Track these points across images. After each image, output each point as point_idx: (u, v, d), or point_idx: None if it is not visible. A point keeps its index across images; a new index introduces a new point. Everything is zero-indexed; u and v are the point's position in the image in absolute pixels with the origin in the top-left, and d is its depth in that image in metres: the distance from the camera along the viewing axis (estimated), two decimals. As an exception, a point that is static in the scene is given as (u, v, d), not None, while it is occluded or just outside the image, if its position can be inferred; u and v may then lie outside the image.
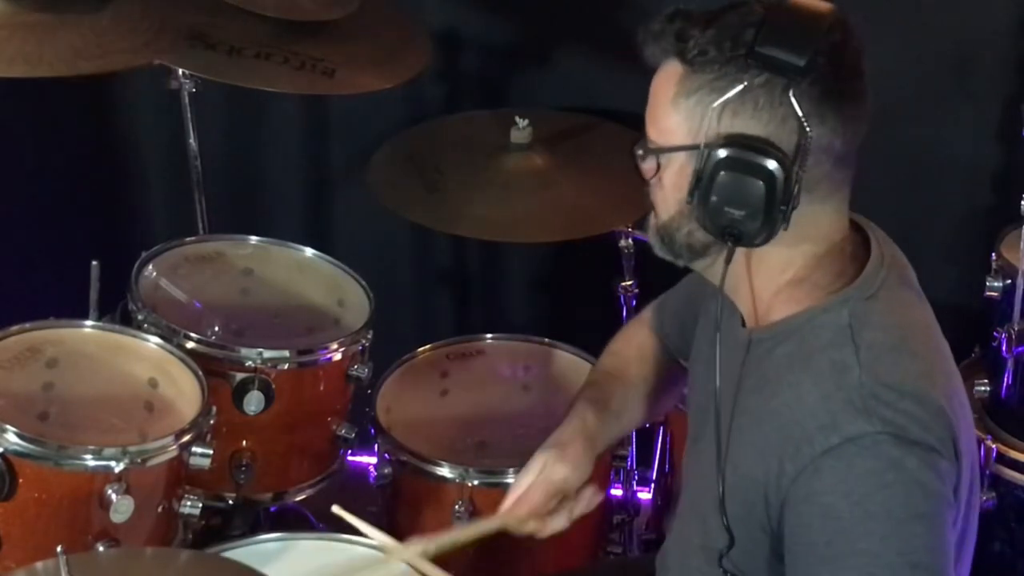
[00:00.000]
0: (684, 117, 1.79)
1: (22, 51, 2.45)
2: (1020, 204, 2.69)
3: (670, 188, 1.83)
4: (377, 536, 2.13)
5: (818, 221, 1.82)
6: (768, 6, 1.78)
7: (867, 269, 1.84)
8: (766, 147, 1.75)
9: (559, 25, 3.35)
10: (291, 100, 3.43)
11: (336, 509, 2.13)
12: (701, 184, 1.77)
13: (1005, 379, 2.79)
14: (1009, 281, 2.74)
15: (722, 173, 1.75)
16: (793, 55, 1.73)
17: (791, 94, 1.74)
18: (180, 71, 2.89)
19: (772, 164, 1.74)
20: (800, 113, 1.74)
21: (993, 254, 2.79)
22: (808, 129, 1.74)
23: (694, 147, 1.78)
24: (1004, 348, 2.73)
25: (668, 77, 1.81)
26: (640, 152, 1.84)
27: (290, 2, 2.88)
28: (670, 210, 1.84)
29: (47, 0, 2.56)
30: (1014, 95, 3.09)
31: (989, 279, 2.77)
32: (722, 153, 1.75)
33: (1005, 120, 3.15)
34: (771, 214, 1.75)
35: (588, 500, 2.16)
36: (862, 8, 3.18)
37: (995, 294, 2.76)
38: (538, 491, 2.12)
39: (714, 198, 1.76)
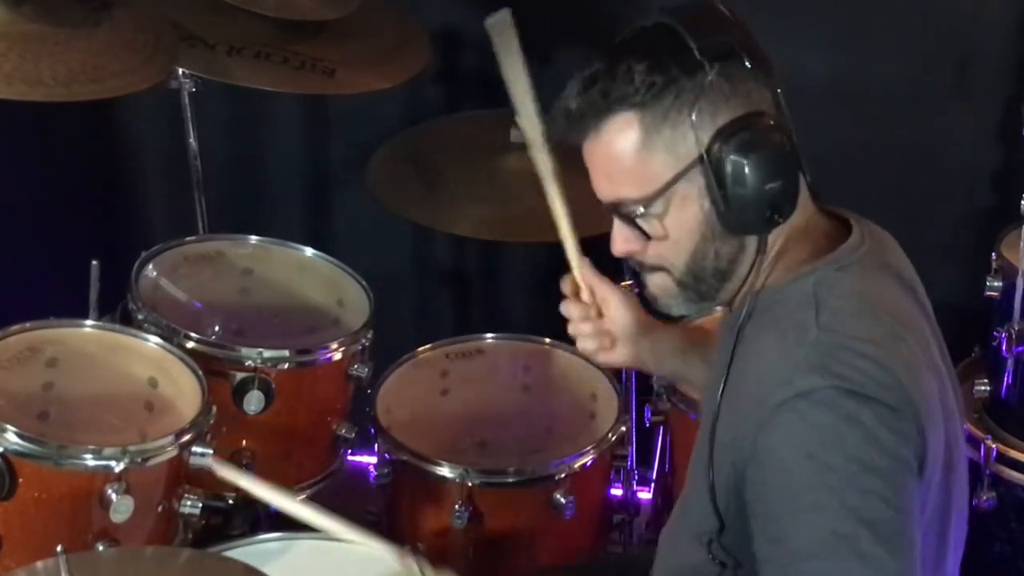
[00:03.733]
0: (665, 151, 1.80)
1: (20, 68, 2.45)
2: (1020, 204, 2.70)
3: (680, 226, 1.83)
4: None
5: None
6: (656, 20, 1.82)
7: (843, 246, 1.85)
8: (759, 117, 1.79)
9: (559, 25, 3.35)
10: (291, 100, 3.43)
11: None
12: (725, 185, 1.78)
13: (1005, 379, 2.79)
14: (1009, 281, 2.74)
15: (739, 161, 1.77)
16: (724, 35, 1.79)
17: (745, 66, 1.78)
18: (180, 71, 2.89)
19: (772, 128, 1.79)
20: (758, 75, 1.79)
21: (993, 254, 2.80)
22: (775, 86, 1.80)
23: (693, 165, 1.79)
24: (1004, 348, 2.73)
25: (620, 130, 1.81)
26: (639, 212, 1.83)
27: (290, 2, 2.89)
28: (688, 248, 1.84)
29: (45, 10, 2.57)
30: (1014, 95, 3.09)
31: (989, 279, 2.77)
32: (727, 146, 1.77)
33: (1005, 120, 3.15)
34: (796, 172, 1.80)
35: (612, 352, 2.17)
36: (864, 9, 3.21)
37: (995, 294, 2.77)
38: (602, 289, 2.16)
39: (748, 186, 1.77)
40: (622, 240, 1.89)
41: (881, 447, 1.70)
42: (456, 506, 2.56)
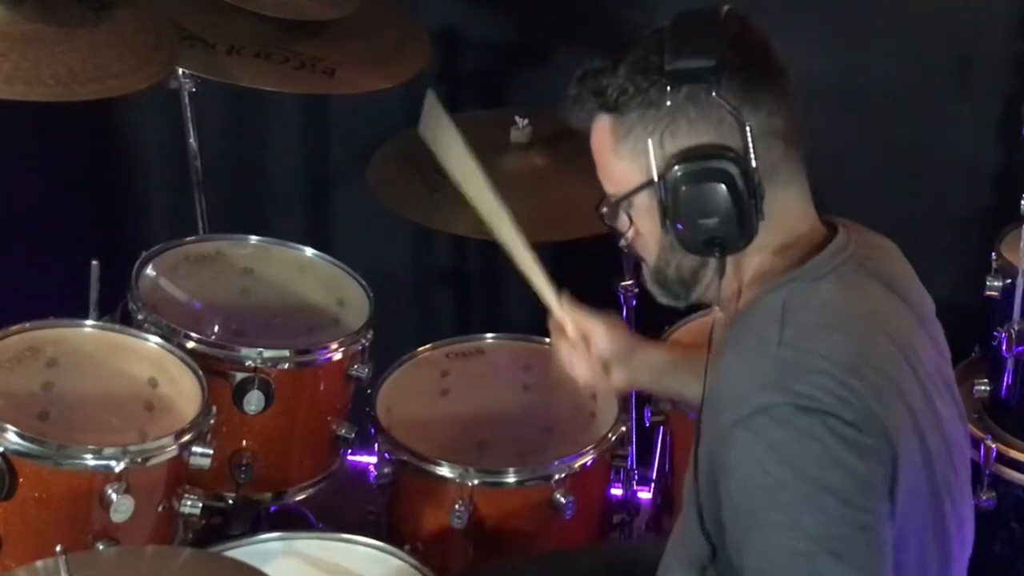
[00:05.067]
0: (630, 160, 1.83)
1: (20, 68, 2.46)
2: (1020, 204, 2.70)
3: (647, 232, 1.87)
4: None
5: (787, 209, 1.84)
6: (662, 28, 1.83)
7: (820, 254, 1.85)
8: (713, 150, 1.78)
9: (559, 25, 3.35)
10: (291, 100, 3.43)
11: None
12: (669, 210, 1.80)
13: (1005, 379, 2.79)
14: (1009, 281, 2.74)
15: (683, 190, 1.78)
16: (701, 59, 1.78)
17: (715, 95, 1.77)
18: (180, 71, 2.89)
19: (724, 163, 1.78)
20: (731, 107, 1.77)
21: (993, 254, 2.80)
22: (745, 119, 1.78)
23: (649, 182, 1.82)
24: (1004, 348, 2.73)
25: (601, 131, 1.85)
26: (604, 211, 1.89)
27: (290, 2, 2.88)
28: (654, 251, 1.88)
29: (45, 10, 2.57)
30: (1014, 95, 3.09)
31: (989, 279, 2.77)
32: (675, 173, 1.78)
33: (1005, 120, 3.15)
34: (743, 211, 1.78)
35: (607, 382, 2.23)
36: (864, 9, 3.21)
37: (995, 294, 2.76)
38: (587, 326, 2.21)
39: (685, 217, 1.80)
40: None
41: (837, 464, 1.70)
42: (456, 506, 2.56)
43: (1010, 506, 2.76)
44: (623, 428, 2.75)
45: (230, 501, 2.69)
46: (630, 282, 2.96)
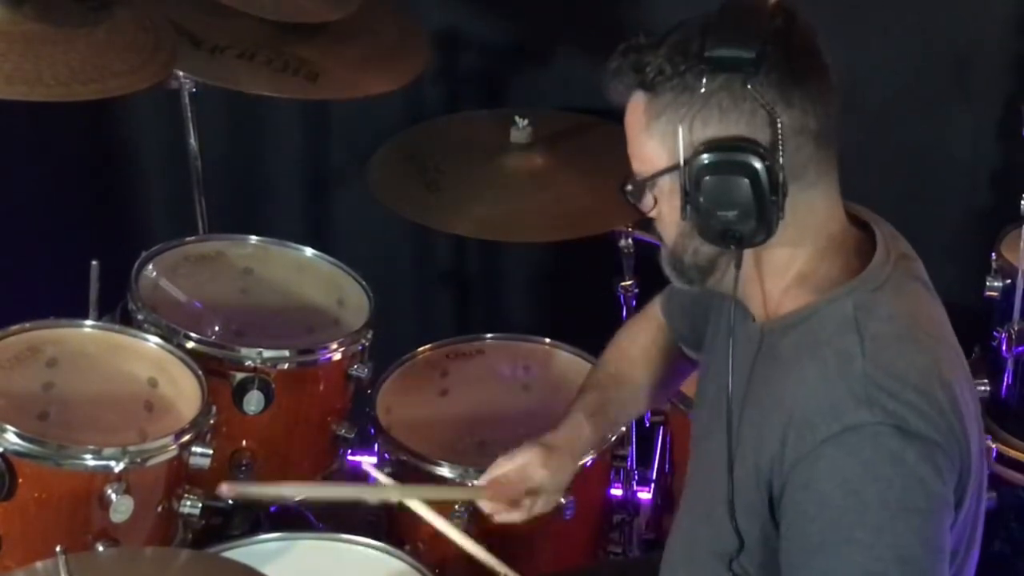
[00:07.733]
0: (659, 140, 1.82)
1: (20, 68, 2.46)
2: (1020, 204, 2.70)
3: (667, 214, 1.86)
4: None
5: (814, 210, 1.83)
6: (709, 13, 1.81)
7: (873, 263, 1.84)
8: (741, 143, 1.77)
9: (559, 25, 3.35)
10: (291, 100, 3.43)
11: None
12: (690, 197, 1.79)
13: (1005, 379, 2.79)
14: (1009, 281, 2.74)
15: (705, 179, 1.77)
16: (742, 49, 1.76)
17: (750, 87, 1.76)
18: (179, 71, 2.89)
19: (750, 158, 1.76)
20: (764, 101, 1.76)
21: (993, 254, 2.80)
22: (777, 115, 1.76)
23: (675, 166, 1.80)
24: (1004, 348, 2.73)
25: (635, 108, 1.84)
26: (629, 188, 1.87)
27: (289, 3, 2.87)
28: (672, 235, 1.87)
29: (45, 10, 2.57)
30: (1014, 95, 3.09)
31: (989, 279, 2.77)
32: (701, 161, 1.77)
33: (1005, 120, 3.15)
34: (763, 207, 1.77)
35: (547, 502, 2.20)
36: (863, 8, 3.21)
37: (995, 294, 2.77)
38: (513, 482, 2.16)
39: (705, 206, 1.78)
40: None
41: (922, 487, 1.72)
42: (456, 506, 2.56)
43: (1009, 506, 2.76)
44: (623, 428, 2.74)
45: (230, 501, 2.69)
46: (630, 282, 2.96)
